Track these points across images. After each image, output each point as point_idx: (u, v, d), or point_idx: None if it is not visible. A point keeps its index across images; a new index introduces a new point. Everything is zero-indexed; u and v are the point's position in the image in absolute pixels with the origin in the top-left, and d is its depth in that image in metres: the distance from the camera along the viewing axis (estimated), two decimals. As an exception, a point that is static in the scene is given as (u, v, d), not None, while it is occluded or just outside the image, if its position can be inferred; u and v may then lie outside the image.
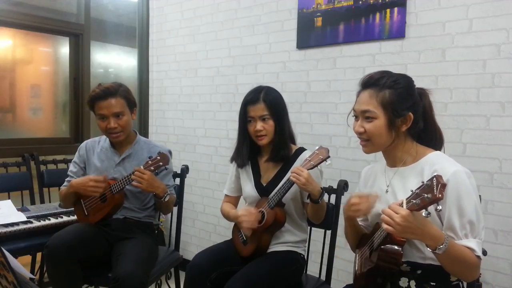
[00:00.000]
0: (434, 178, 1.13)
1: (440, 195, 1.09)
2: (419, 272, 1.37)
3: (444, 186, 1.11)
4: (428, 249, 1.21)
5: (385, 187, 1.46)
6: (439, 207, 1.11)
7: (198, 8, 3.18)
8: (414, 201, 1.15)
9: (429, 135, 1.45)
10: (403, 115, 1.36)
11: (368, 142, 1.41)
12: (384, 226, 1.19)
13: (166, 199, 2.04)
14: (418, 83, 1.45)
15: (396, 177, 1.43)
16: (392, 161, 1.46)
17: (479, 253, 1.26)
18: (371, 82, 1.40)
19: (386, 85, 1.37)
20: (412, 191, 1.18)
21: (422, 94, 1.44)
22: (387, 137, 1.38)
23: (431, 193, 1.11)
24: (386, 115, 1.36)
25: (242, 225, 1.81)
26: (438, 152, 1.40)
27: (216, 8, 3.06)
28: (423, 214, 1.13)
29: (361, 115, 1.41)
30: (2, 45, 2.99)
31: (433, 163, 1.33)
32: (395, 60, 2.22)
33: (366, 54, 2.33)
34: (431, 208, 1.13)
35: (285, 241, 1.88)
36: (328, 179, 2.33)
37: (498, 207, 1.93)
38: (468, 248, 1.25)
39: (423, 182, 1.16)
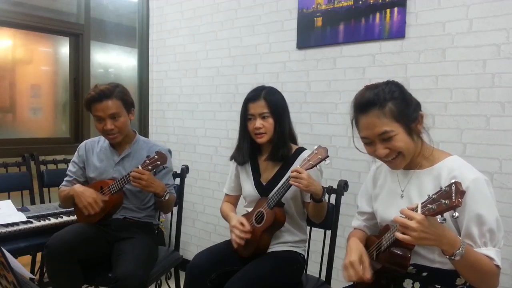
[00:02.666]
0: (453, 185, 1.09)
1: (458, 202, 1.06)
2: (424, 274, 1.35)
3: (463, 193, 1.08)
4: (445, 255, 1.18)
5: (399, 191, 1.42)
6: (456, 214, 1.08)
7: (198, 8, 3.18)
8: (430, 206, 1.11)
9: None
10: (416, 116, 1.33)
11: (398, 157, 1.34)
12: (400, 236, 1.15)
13: (166, 198, 2.04)
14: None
15: (412, 181, 1.39)
16: (407, 164, 1.40)
17: (498, 262, 1.23)
18: (369, 104, 1.33)
19: (386, 99, 1.32)
20: (428, 195, 1.14)
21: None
22: (413, 145, 1.33)
23: (448, 199, 1.08)
24: (403, 126, 1.31)
25: (232, 235, 1.82)
26: (455, 156, 1.36)
27: (216, 8, 3.06)
28: (439, 220, 1.10)
29: (378, 138, 1.33)
30: (2, 45, 2.99)
31: (452, 168, 1.30)
32: (395, 60, 2.22)
33: (366, 54, 2.32)
34: (447, 214, 1.10)
35: (285, 241, 1.88)
36: (328, 179, 2.33)
37: (498, 207, 1.90)
38: (487, 256, 1.22)
39: (441, 188, 1.12)
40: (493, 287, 1.28)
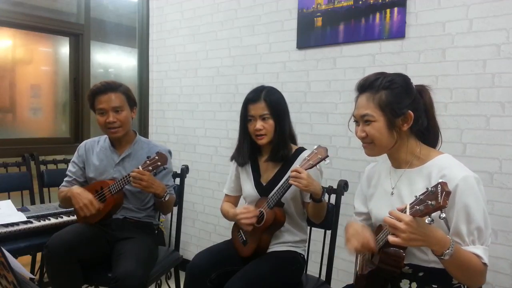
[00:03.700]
0: (439, 185, 1.10)
1: (444, 203, 1.07)
2: (421, 274, 1.36)
3: (448, 194, 1.09)
4: (435, 255, 1.20)
5: (390, 189, 1.44)
6: (443, 215, 1.09)
7: (198, 8, 3.18)
8: (417, 207, 1.13)
9: (432, 132, 1.43)
10: (403, 114, 1.34)
11: (371, 144, 1.39)
12: (390, 239, 1.17)
13: (166, 198, 2.04)
14: (418, 83, 1.45)
15: (402, 180, 1.41)
16: (397, 162, 1.44)
17: (486, 260, 1.24)
18: (366, 85, 1.39)
19: (382, 86, 1.36)
20: (416, 196, 1.16)
21: (422, 91, 1.42)
22: (388, 138, 1.36)
23: (435, 200, 1.09)
24: (385, 116, 1.35)
25: (241, 222, 1.81)
26: (446, 155, 1.37)
27: (216, 8, 3.06)
28: (426, 221, 1.11)
29: (361, 119, 1.40)
30: (2, 45, 2.99)
31: (442, 167, 1.31)
32: (395, 60, 2.22)
33: (366, 54, 2.32)
34: (434, 215, 1.11)
35: (285, 241, 1.88)
36: (328, 179, 2.33)
37: (498, 207, 1.93)
38: (475, 254, 1.23)
39: (427, 188, 1.13)
40: (479, 284, 1.29)
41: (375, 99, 1.35)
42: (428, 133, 1.43)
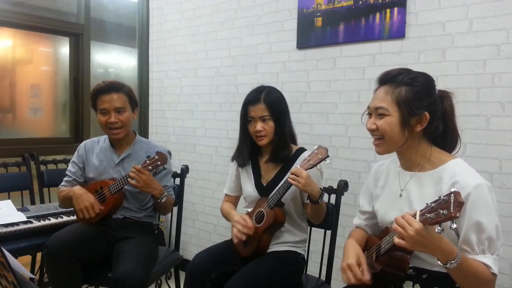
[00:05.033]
0: (452, 195, 1.07)
1: (456, 214, 1.05)
2: (424, 276, 1.34)
3: (461, 204, 1.06)
4: (439, 262, 1.18)
5: (398, 191, 1.41)
6: (454, 226, 1.07)
7: (198, 8, 3.18)
8: (428, 215, 1.10)
9: (448, 139, 1.40)
10: (418, 114, 1.30)
11: (381, 140, 1.36)
12: (396, 240, 1.16)
13: (163, 200, 2.04)
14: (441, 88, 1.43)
15: (412, 182, 1.38)
16: (407, 164, 1.41)
17: (495, 270, 1.21)
18: (387, 79, 1.36)
19: (403, 82, 1.32)
20: (427, 204, 1.13)
21: (444, 96, 1.38)
22: (399, 135, 1.33)
23: (447, 209, 1.06)
24: (400, 112, 1.31)
25: (233, 231, 1.81)
26: (459, 160, 1.34)
27: (216, 8, 3.06)
28: (436, 230, 1.09)
29: (374, 112, 1.36)
30: (2, 45, 2.99)
31: (454, 173, 1.27)
32: (395, 60, 2.22)
33: (366, 54, 2.32)
34: (445, 224, 1.09)
35: (285, 241, 1.88)
36: (328, 179, 2.33)
37: (498, 207, 1.92)
38: (483, 264, 1.21)
39: (439, 197, 1.11)
40: None
41: (393, 93, 1.32)
42: (443, 139, 1.39)
